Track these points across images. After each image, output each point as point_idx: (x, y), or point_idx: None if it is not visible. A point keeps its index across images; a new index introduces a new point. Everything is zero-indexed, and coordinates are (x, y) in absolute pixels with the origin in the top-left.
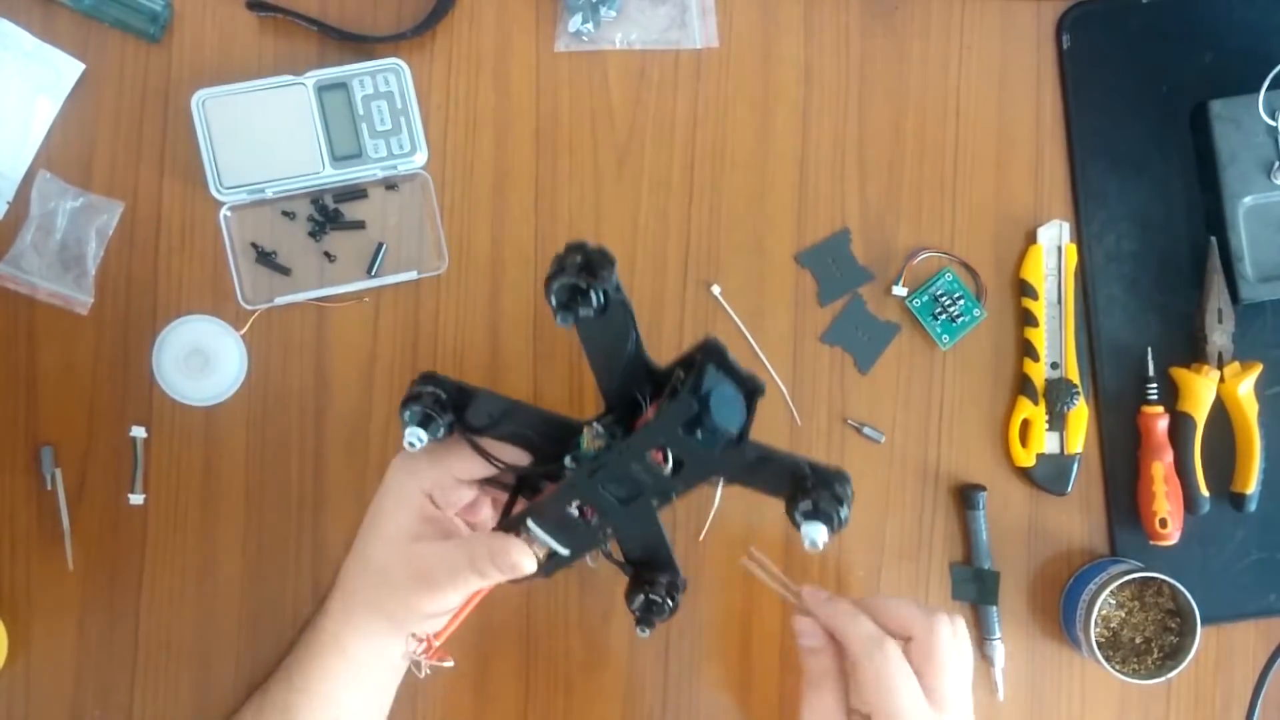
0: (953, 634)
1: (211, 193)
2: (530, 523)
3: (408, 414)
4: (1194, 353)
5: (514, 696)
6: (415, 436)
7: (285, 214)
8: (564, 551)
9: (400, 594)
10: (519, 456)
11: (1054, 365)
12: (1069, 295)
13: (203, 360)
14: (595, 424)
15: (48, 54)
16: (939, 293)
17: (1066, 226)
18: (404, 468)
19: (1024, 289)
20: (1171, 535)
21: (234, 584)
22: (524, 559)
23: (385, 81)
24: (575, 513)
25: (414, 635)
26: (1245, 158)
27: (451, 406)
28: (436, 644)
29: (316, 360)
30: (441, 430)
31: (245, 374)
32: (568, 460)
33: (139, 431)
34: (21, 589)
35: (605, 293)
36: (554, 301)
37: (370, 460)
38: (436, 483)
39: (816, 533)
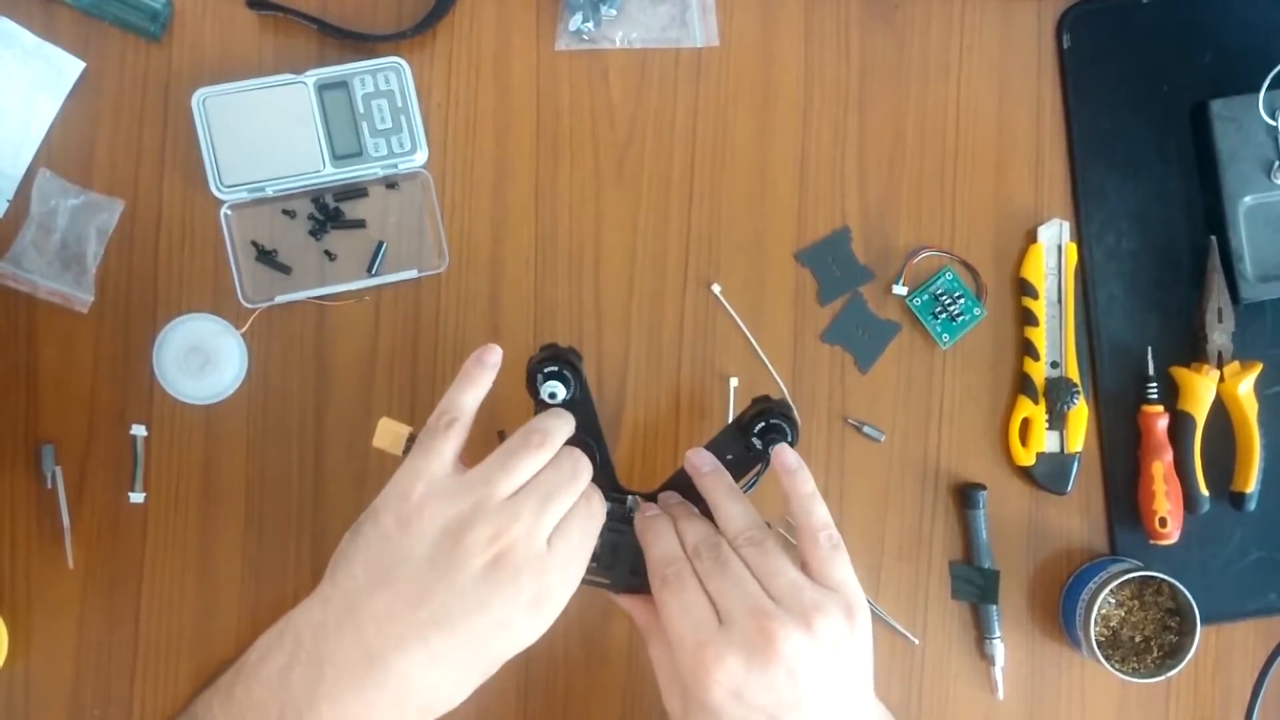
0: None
1: (212, 191)
2: None
3: (551, 367)
4: (1194, 352)
5: (513, 696)
6: (552, 392)
7: (286, 212)
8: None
9: None
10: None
11: (1054, 364)
12: (1069, 294)
13: (203, 359)
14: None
15: (48, 52)
16: (939, 292)
17: (1067, 225)
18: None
19: (1024, 288)
20: (1171, 534)
21: (234, 583)
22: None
23: (386, 80)
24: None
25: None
26: (1245, 157)
27: (573, 391)
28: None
29: (317, 359)
30: (564, 402)
31: (245, 372)
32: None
33: (139, 430)
34: (21, 588)
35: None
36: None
37: (370, 460)
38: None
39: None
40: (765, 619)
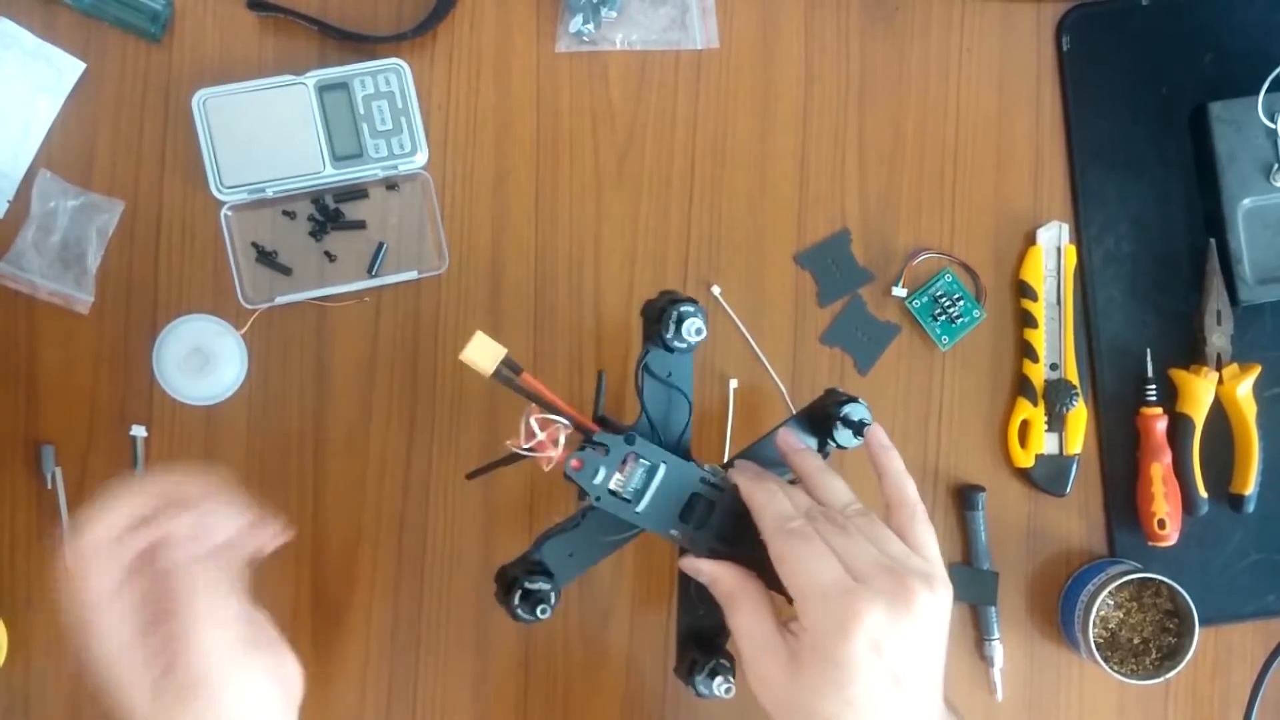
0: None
1: (212, 192)
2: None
3: (691, 310)
4: (1193, 354)
5: (513, 696)
6: (699, 328)
7: (286, 214)
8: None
9: None
10: None
11: (1053, 366)
12: (1068, 296)
13: (203, 360)
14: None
15: (49, 53)
16: (939, 294)
17: (1066, 228)
18: (77, 577)
19: (1023, 290)
20: (1170, 536)
21: None
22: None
23: (386, 81)
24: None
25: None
26: (1244, 160)
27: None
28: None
29: (317, 360)
30: (696, 341)
31: (245, 373)
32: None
33: (139, 431)
34: (21, 588)
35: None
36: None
37: (370, 460)
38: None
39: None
40: (903, 574)
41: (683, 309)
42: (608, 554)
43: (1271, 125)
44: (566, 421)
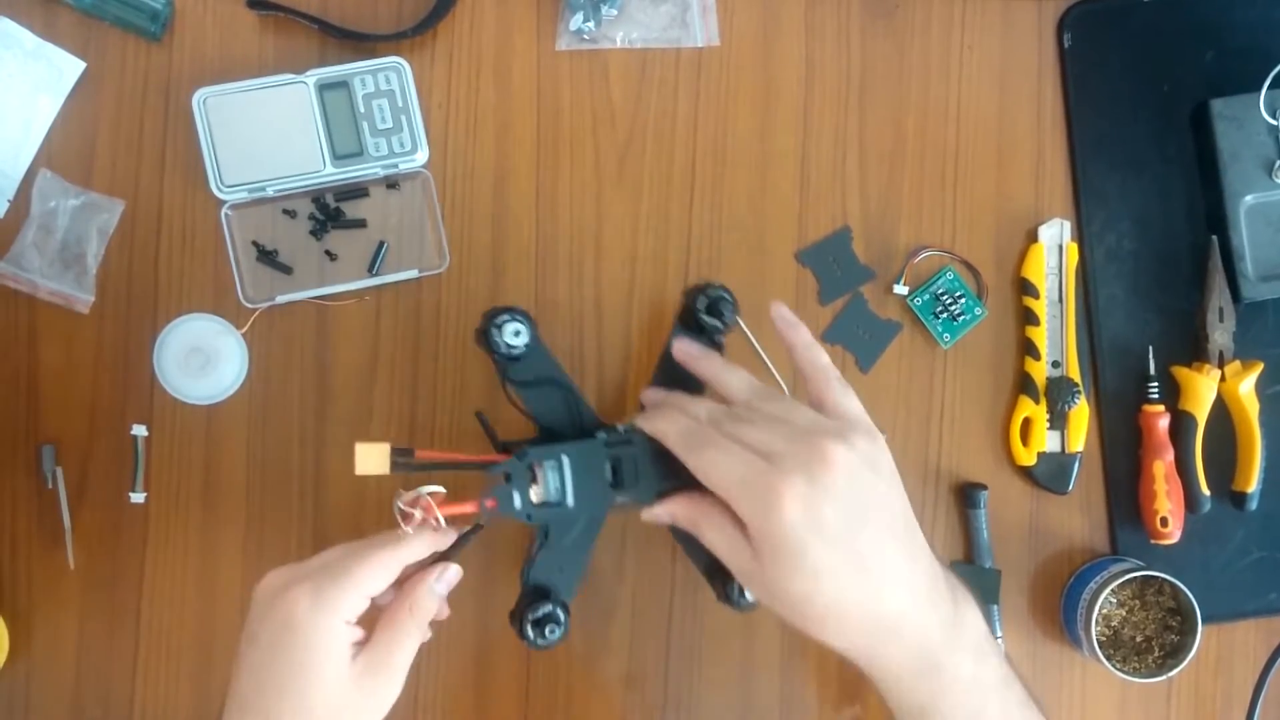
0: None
1: (212, 191)
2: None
3: (507, 317)
4: (1195, 351)
5: (514, 695)
6: (516, 330)
7: (286, 212)
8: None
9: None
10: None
11: (1055, 364)
12: (1070, 294)
13: (204, 359)
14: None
15: (49, 52)
16: (940, 291)
17: (1067, 225)
18: (310, 604)
19: (1025, 287)
20: (1172, 534)
21: (234, 584)
22: (442, 579)
23: (386, 80)
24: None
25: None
26: (1246, 157)
27: (514, 351)
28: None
29: (317, 359)
30: (524, 348)
31: (246, 373)
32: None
33: (140, 430)
34: (22, 588)
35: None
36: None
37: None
38: (355, 610)
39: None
40: (812, 438)
41: (501, 319)
42: (589, 547)
43: (1273, 122)
44: (439, 489)
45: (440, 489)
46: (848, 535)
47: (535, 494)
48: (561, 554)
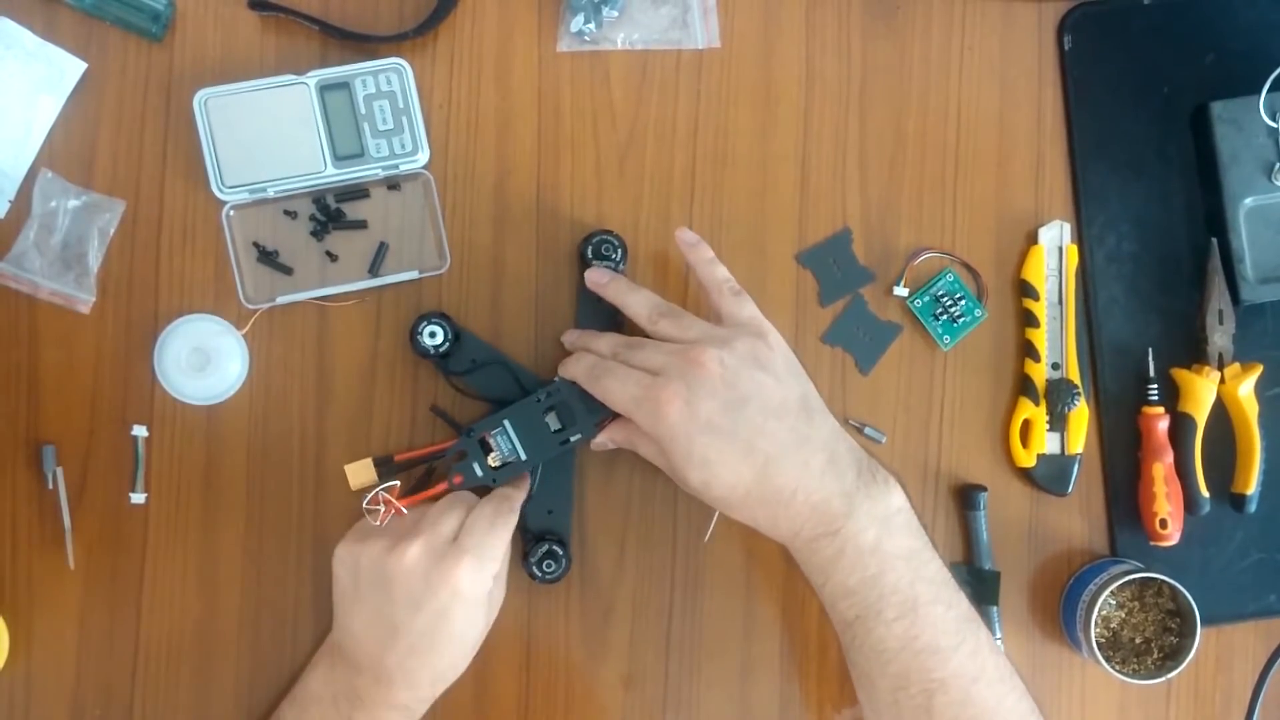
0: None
1: (213, 192)
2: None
3: (424, 323)
4: (1195, 354)
5: (513, 695)
6: (431, 332)
7: (287, 213)
8: (523, 456)
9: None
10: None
11: (1055, 366)
12: (1070, 296)
13: (204, 359)
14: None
15: (50, 53)
16: (940, 293)
17: (1067, 227)
18: (473, 578)
19: (1025, 289)
20: (1172, 536)
21: (234, 584)
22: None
23: (387, 81)
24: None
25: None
26: (1246, 159)
27: (450, 335)
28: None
29: (318, 360)
30: (446, 343)
31: (247, 373)
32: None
33: (140, 430)
34: (22, 588)
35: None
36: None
37: (373, 456)
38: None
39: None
40: (687, 349)
41: (420, 326)
42: (568, 484)
43: (1273, 124)
44: (394, 483)
45: (395, 483)
46: (727, 424)
47: (494, 459)
48: (545, 499)
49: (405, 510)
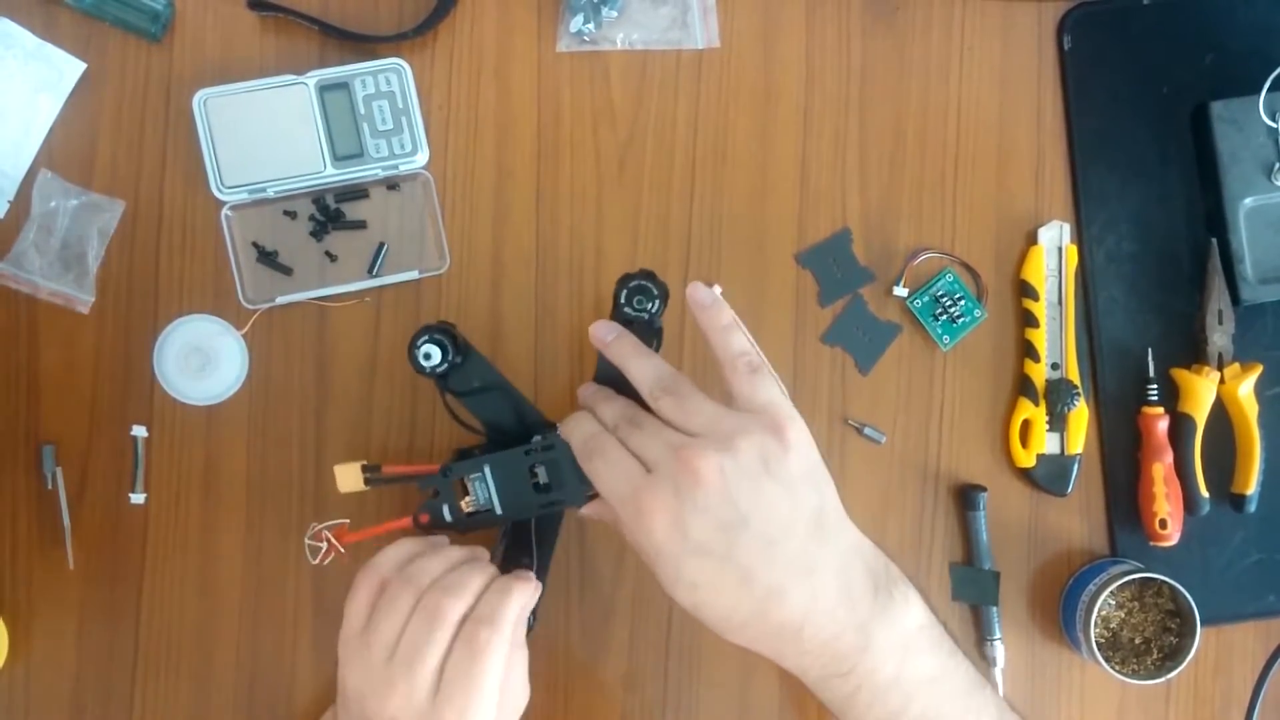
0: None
1: (213, 192)
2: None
3: (424, 338)
4: (1194, 354)
5: None
6: (427, 353)
7: (287, 213)
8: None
9: None
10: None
11: (1054, 366)
12: (1069, 296)
13: (204, 360)
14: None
15: (49, 53)
16: (940, 293)
17: (1067, 227)
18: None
19: (1025, 290)
20: (1171, 536)
21: (234, 584)
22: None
23: (387, 81)
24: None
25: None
26: (1246, 159)
27: (453, 354)
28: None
29: (317, 360)
30: (445, 364)
31: (246, 373)
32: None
33: (140, 431)
34: (22, 589)
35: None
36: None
37: (371, 460)
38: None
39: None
40: (684, 450)
41: (419, 340)
42: (552, 542)
43: (1273, 124)
44: (344, 521)
45: (345, 521)
46: (721, 547)
47: (468, 504)
48: (524, 549)
49: (344, 550)
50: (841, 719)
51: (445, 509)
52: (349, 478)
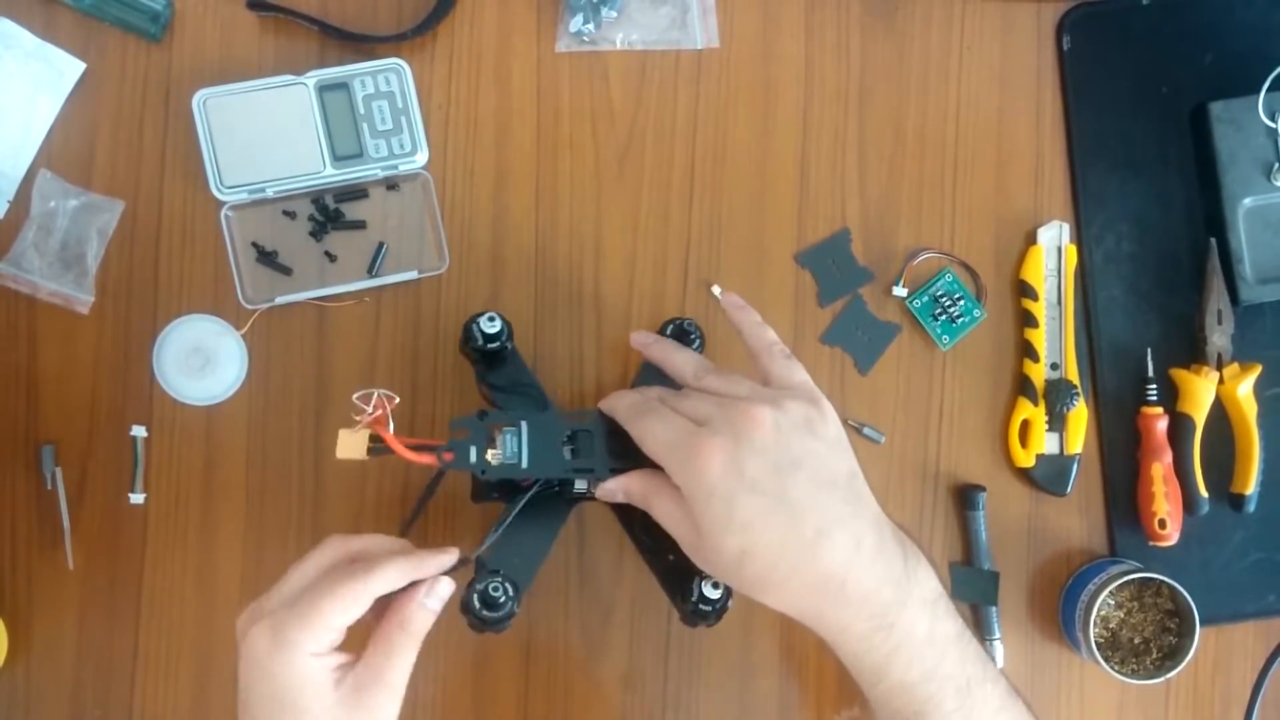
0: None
1: (212, 192)
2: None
3: (491, 313)
4: (1193, 354)
5: (513, 696)
6: (491, 316)
7: (286, 213)
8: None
9: None
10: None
11: (1054, 366)
12: (1069, 296)
13: (203, 360)
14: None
15: (49, 53)
16: (939, 293)
17: (1066, 227)
18: (269, 644)
19: (1024, 290)
20: (1170, 536)
21: (234, 584)
22: (433, 594)
23: (386, 81)
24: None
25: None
26: (1245, 159)
27: (508, 337)
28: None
29: (317, 360)
30: (499, 343)
31: (246, 374)
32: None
33: (139, 431)
34: (22, 589)
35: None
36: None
37: (370, 460)
38: (322, 643)
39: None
40: (743, 404)
41: (481, 323)
42: (549, 540)
43: (1272, 125)
44: (394, 396)
45: (395, 396)
46: (775, 483)
47: (493, 456)
48: (519, 544)
49: (390, 434)
50: (875, 685)
51: (472, 450)
52: (351, 445)
